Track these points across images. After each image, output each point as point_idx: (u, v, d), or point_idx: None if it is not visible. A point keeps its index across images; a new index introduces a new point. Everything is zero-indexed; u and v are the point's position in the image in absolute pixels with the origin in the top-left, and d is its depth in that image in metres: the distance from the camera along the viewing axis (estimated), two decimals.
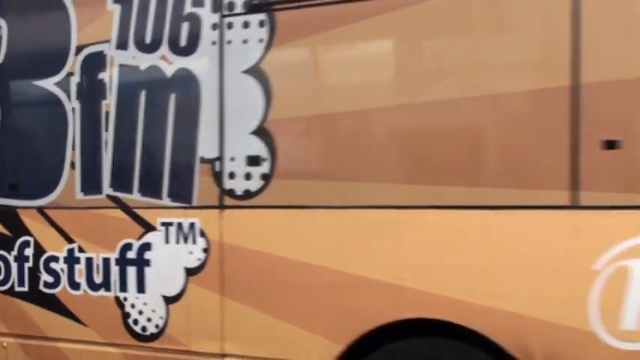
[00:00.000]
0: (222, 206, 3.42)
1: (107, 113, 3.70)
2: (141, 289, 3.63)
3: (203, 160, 3.46)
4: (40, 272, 3.90)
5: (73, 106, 3.80)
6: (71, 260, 3.81)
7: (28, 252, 3.94)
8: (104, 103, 3.71)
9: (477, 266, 2.91)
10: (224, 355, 3.44)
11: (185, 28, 3.49)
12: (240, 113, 3.37)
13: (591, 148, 2.73)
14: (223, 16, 3.40)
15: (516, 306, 2.85)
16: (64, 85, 3.81)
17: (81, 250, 3.79)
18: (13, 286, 4.00)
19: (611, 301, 2.70)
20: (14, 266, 3.98)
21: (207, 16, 3.44)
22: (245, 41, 3.36)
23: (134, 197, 3.64)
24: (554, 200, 2.79)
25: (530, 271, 2.82)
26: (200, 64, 3.47)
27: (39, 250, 3.91)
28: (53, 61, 3.84)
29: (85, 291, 3.78)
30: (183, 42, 3.50)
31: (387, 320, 3.07)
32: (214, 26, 3.42)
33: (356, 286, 3.11)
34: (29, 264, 3.94)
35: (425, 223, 3.01)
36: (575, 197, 2.76)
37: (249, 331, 3.37)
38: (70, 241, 3.82)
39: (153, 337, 3.61)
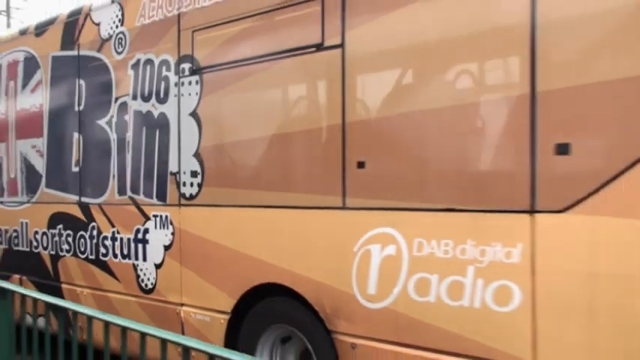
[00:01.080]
0: (180, 204, 5.12)
1: (128, 142, 5.60)
2: (144, 258, 5.46)
3: (171, 173, 5.19)
4: (99, 246, 5.93)
5: (113, 137, 5.76)
6: (113, 239, 5.78)
7: (94, 233, 5.99)
8: (127, 135, 5.61)
9: (295, 247, 4.27)
10: (182, 304, 5.14)
11: (162, 85, 5.26)
12: (188, 142, 5.04)
13: (351, 167, 3.96)
14: (180, 77, 5.10)
15: (316, 275, 4.15)
16: (109, 123, 5.80)
17: (118, 232, 5.73)
18: (87, 254, 6.08)
19: (362, 273, 3.91)
20: (88, 242, 6.07)
21: (172, 77, 5.17)
22: (189, 94, 5.02)
23: (140, 197, 5.48)
24: (335, 203, 4.06)
25: (323, 252, 4.12)
26: (169, 109, 5.20)
27: (99, 232, 5.94)
28: (105, 108, 5.84)
29: (119, 259, 5.72)
30: (161, 95, 5.27)
31: (255, 283, 4.53)
32: (175, 84, 5.14)
33: (241, 259, 4.62)
34: (95, 240, 5.99)
35: (270, 218, 4.43)
36: (345, 202, 4.01)
37: (193, 288, 5.03)
38: (113, 226, 5.79)
39: (150, 291, 5.42)
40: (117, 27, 5.72)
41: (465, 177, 3.51)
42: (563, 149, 3.13)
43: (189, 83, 5.02)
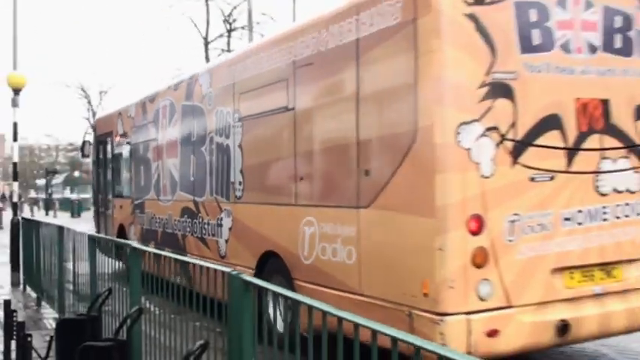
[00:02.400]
0: (235, 202, 8.19)
1: (213, 161, 8.78)
2: (221, 236, 8.61)
3: (231, 182, 8.27)
4: (202, 228, 9.18)
5: (208, 158, 8.99)
6: (208, 223, 8.99)
7: (200, 219, 9.26)
8: (213, 157, 8.79)
9: (277, 228, 7.12)
10: (237, 265, 8.16)
11: (227, 127, 8.35)
12: (237, 163, 8.09)
13: (298, 180, 6.73)
14: (234, 122, 8.16)
15: (287, 245, 6.96)
16: (206, 149, 9.03)
17: (210, 219, 8.94)
18: (197, 234, 9.37)
19: (302, 243, 6.66)
20: (197, 226, 9.35)
21: (231, 122, 8.24)
22: (238, 133, 8.07)
23: (219, 197, 8.64)
24: (292, 202, 6.85)
25: (288, 230, 6.92)
26: (230, 142, 8.28)
27: (202, 219, 9.19)
28: (204, 140, 9.08)
29: (210, 237, 8.91)
30: (227, 133, 8.37)
31: (264, 250, 7.44)
32: (232, 126, 8.20)
33: (258, 236, 7.56)
34: (200, 225, 9.26)
35: (266, 210, 7.33)
36: (296, 200, 6.79)
37: (240, 255, 8.05)
38: (208, 215, 9.01)
39: (224, 257, 8.54)
40: (208, 88, 8.94)
41: (337, 190, 6.16)
42: (367, 173, 5.67)
43: (238, 127, 8.07)
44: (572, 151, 5.33)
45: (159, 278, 5.00)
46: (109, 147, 14.19)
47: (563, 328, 5.19)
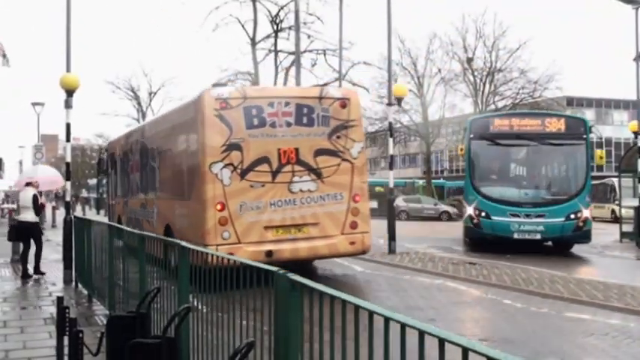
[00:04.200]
0: (157, 198, 14.68)
1: (155, 175, 15.31)
2: (153, 217, 15.09)
3: (156, 187, 14.75)
4: (149, 213, 15.69)
5: (153, 174, 15.52)
6: (150, 211, 15.49)
7: (147, 208, 15.78)
8: (154, 171, 15.32)
9: (171, 212, 13.57)
10: (158, 233, 14.61)
11: (154, 156, 14.86)
12: (157, 176, 14.59)
13: (184, 186, 13.19)
14: (156, 153, 14.67)
15: (171, 219, 13.40)
16: (151, 167, 15.56)
17: (151, 208, 15.44)
18: (146, 218, 15.88)
19: (175, 218, 13.09)
20: (147, 212, 15.86)
21: (155, 153, 14.75)
22: (158, 160, 14.57)
23: (152, 196, 15.13)
24: (183, 198, 13.29)
25: (171, 211, 13.35)
26: (155, 165, 14.78)
27: (148, 208, 15.70)
28: (149, 160, 15.61)
29: (151, 218, 15.40)
30: (154, 159, 14.86)
31: (165, 223, 13.89)
32: (156, 156, 14.71)
33: (164, 216, 14.03)
34: (149, 212, 15.77)
35: (170, 202, 13.82)
36: (172, 197, 13.24)
37: (158, 227, 14.51)
38: (150, 206, 15.52)
39: (155, 230, 15.00)
40: (150, 131, 15.46)
41: (182, 191, 12.57)
42: (189, 183, 12.07)
43: (157, 156, 14.55)
44: (274, 173, 11.61)
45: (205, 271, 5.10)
46: (113, 163, 20.93)
47: (269, 253, 11.48)
